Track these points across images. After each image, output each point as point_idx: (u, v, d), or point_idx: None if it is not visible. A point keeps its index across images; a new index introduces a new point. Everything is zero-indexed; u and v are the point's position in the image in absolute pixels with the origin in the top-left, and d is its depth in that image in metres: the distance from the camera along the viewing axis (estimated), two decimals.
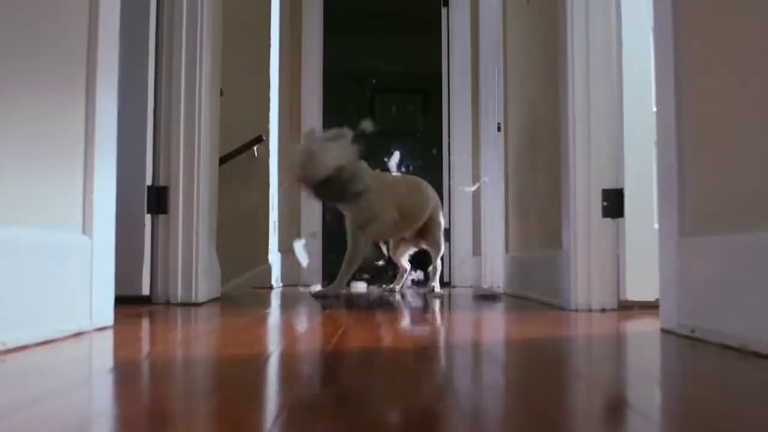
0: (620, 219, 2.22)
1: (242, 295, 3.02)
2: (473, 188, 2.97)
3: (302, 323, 1.85)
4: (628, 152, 2.20)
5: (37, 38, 1.43)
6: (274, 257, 4.20)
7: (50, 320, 1.42)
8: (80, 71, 1.63)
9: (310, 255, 4.84)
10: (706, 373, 1.11)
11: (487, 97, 4.21)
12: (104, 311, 1.67)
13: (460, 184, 4.70)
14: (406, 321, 1.86)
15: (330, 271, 5.09)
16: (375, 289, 3.41)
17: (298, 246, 3.07)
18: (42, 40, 1.46)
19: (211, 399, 0.85)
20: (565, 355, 1.32)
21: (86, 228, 1.63)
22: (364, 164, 2.78)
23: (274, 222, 4.24)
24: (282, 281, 4.35)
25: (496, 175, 3.92)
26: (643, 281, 2.14)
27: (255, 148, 3.84)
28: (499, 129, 3.62)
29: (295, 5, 4.93)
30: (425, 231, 3.20)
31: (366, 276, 5.01)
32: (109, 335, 1.54)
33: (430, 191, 3.23)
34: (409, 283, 3.77)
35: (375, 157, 8.15)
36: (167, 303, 2.49)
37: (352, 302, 2.69)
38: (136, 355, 1.27)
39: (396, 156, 3.47)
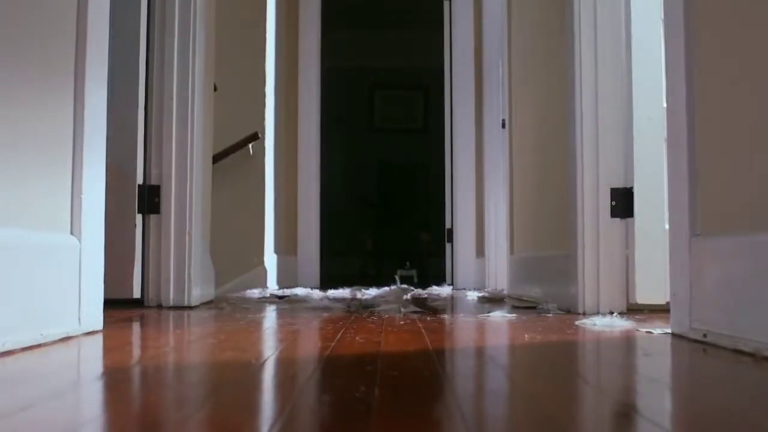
0: (629, 219, 2.20)
1: (237, 298, 2.99)
2: None
3: (299, 326, 1.82)
4: (638, 150, 2.18)
5: (22, 32, 1.41)
6: (270, 259, 4.17)
7: (36, 324, 1.40)
8: (68, 66, 1.61)
9: (308, 256, 4.81)
10: (719, 379, 1.11)
11: (491, 93, 4.19)
12: (93, 315, 1.65)
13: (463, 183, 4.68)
14: (406, 324, 1.83)
15: (329, 273, 5.06)
16: None
17: None
18: (28, 35, 1.43)
19: (205, 406, 0.85)
20: (572, 360, 1.32)
21: (74, 228, 1.61)
22: None
23: (270, 222, 4.20)
24: (278, 284, 4.31)
25: (500, 173, 3.88)
26: (653, 283, 2.12)
27: (250, 145, 3.80)
28: (503, 126, 3.59)
29: None
30: None
31: None
32: (99, 340, 1.53)
33: None
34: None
35: (375, 156, 8.18)
36: (159, 306, 2.48)
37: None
38: (126, 361, 1.26)
39: None
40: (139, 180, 2.50)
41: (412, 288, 3.45)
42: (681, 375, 1.20)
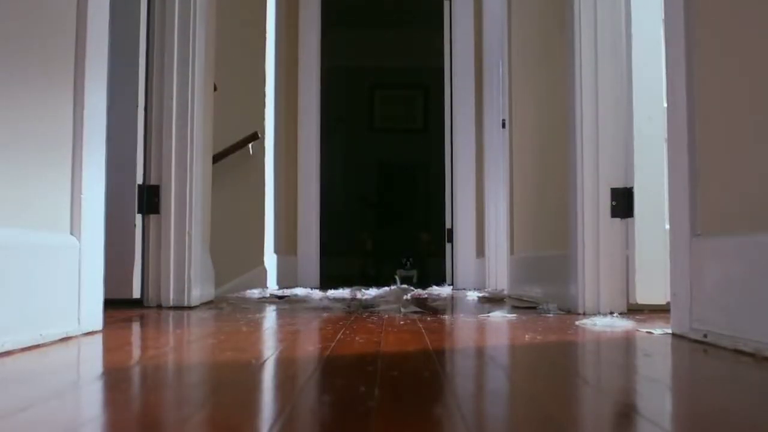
0: (630, 219, 2.19)
1: (237, 298, 2.99)
2: None
3: (298, 326, 1.82)
4: (638, 149, 2.17)
5: (22, 32, 1.41)
6: (270, 259, 4.16)
7: (36, 324, 1.40)
8: (68, 65, 1.60)
9: (308, 256, 4.80)
10: (719, 379, 1.11)
11: (492, 92, 4.18)
12: (93, 315, 1.64)
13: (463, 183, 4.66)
14: (406, 324, 1.83)
15: (329, 273, 5.05)
16: None
17: None
18: (28, 35, 1.43)
19: (205, 406, 0.85)
20: (572, 360, 1.32)
21: (74, 228, 1.60)
22: None
23: (270, 222, 4.19)
24: (278, 284, 4.30)
25: (500, 173, 3.87)
26: (653, 284, 2.11)
27: (250, 145, 3.79)
28: (503, 126, 3.58)
29: None
30: None
31: None
32: (98, 340, 1.53)
33: None
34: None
35: (375, 156, 8.17)
36: (159, 306, 2.46)
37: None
38: (126, 361, 1.26)
39: None
40: (139, 180, 2.49)
41: (412, 288, 3.44)
42: (681, 375, 1.19)
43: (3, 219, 1.33)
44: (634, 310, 2.14)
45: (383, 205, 7.85)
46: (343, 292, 3.39)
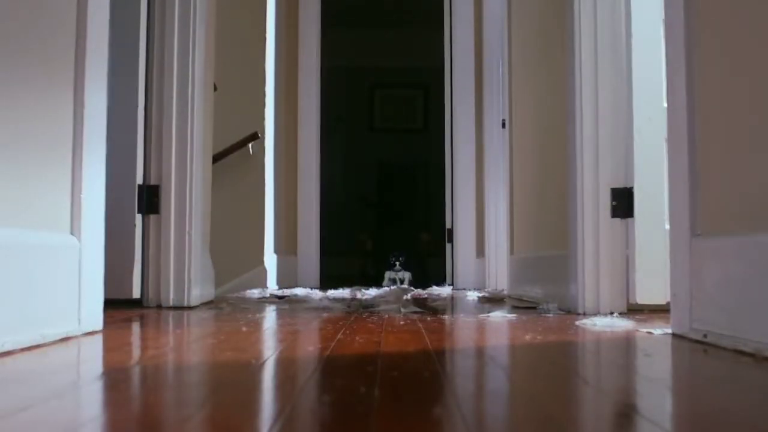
0: (630, 219, 2.19)
1: (237, 298, 2.99)
2: None
3: (298, 326, 1.81)
4: (638, 149, 2.17)
5: (22, 32, 1.41)
6: (270, 259, 4.16)
7: (36, 324, 1.40)
8: (68, 65, 1.60)
9: (308, 256, 4.80)
10: (719, 379, 1.11)
11: (492, 92, 4.18)
12: (93, 315, 1.64)
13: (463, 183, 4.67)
14: (406, 324, 1.82)
15: (329, 273, 5.05)
16: None
17: None
18: (28, 33, 1.43)
19: (205, 406, 0.85)
20: (572, 360, 1.32)
21: (74, 228, 1.60)
22: None
23: (270, 222, 4.19)
24: (278, 284, 4.30)
25: (500, 173, 3.87)
26: (653, 284, 2.11)
27: (250, 145, 3.79)
28: (503, 126, 3.58)
29: None
30: None
31: None
32: (98, 340, 1.53)
33: None
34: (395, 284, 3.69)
35: (375, 156, 8.16)
36: (159, 306, 2.46)
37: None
38: (126, 361, 1.26)
39: None
40: (139, 180, 2.48)
41: (412, 288, 3.44)
42: (681, 375, 1.19)
43: (3, 219, 1.33)
44: (634, 310, 2.14)
45: (383, 205, 7.85)
46: (343, 292, 3.39)
